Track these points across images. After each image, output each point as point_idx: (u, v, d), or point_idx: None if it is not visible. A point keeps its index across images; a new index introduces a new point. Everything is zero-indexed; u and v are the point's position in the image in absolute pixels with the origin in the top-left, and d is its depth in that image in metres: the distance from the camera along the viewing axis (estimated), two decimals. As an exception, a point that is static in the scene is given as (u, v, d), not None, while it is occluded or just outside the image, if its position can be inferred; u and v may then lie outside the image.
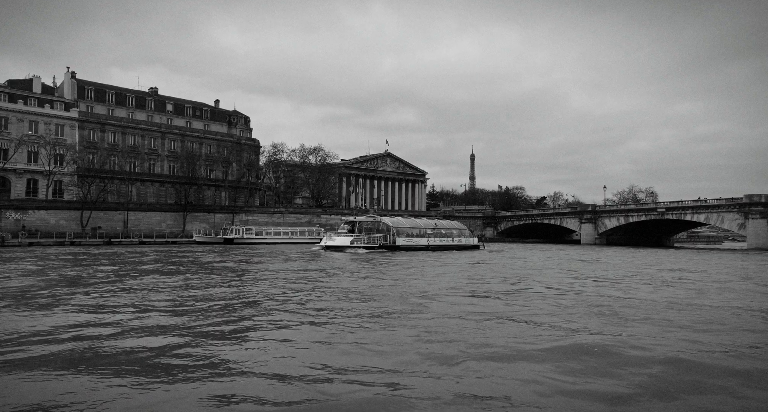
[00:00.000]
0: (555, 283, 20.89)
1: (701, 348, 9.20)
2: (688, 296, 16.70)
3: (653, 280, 23.20)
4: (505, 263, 34.66)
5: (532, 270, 28.14)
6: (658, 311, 13.52)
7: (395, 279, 21.33)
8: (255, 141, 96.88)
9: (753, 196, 68.43)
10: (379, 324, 11.26)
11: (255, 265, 29.36)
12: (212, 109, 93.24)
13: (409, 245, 49.66)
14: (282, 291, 16.91)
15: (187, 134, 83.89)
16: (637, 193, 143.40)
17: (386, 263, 32.41)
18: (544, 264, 33.05)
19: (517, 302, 15.06)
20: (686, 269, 31.23)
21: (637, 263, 36.82)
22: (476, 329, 10.87)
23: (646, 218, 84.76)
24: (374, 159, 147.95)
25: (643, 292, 18.08)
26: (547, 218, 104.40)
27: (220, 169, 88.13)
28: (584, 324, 11.50)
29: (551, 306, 14.21)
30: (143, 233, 59.81)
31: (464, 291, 17.41)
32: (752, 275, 27.17)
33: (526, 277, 23.68)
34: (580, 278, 23.52)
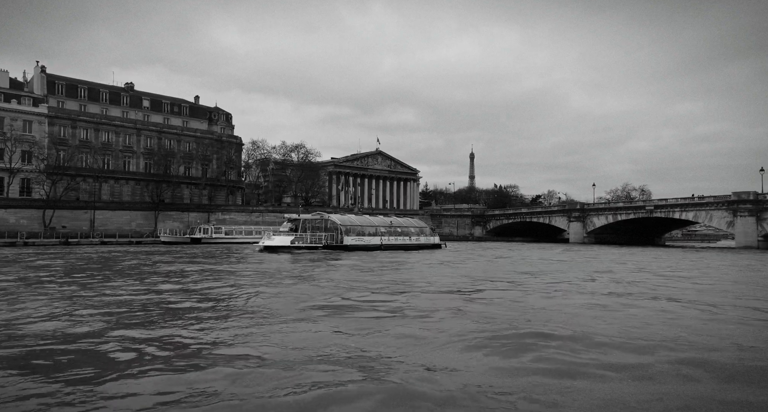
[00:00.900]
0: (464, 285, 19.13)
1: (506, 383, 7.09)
2: (611, 304, 14.96)
3: (604, 281, 21.52)
4: (456, 263, 32.95)
5: (468, 272, 26.39)
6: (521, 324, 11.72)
7: (315, 284, 19.41)
8: (237, 138, 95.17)
9: (741, 194, 66.77)
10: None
11: (172, 265, 27.59)
12: (192, 105, 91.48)
13: (358, 245, 46.71)
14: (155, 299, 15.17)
15: (165, 131, 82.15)
16: (631, 191, 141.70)
17: (322, 264, 29.98)
18: (495, 266, 31.06)
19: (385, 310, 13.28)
20: (657, 269, 29.55)
21: (611, 262, 35.15)
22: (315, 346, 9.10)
23: (634, 216, 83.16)
24: (365, 157, 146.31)
25: (571, 296, 16.38)
26: (536, 216, 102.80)
27: (199, 166, 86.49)
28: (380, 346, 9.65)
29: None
30: (111, 233, 58.01)
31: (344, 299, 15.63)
32: (714, 276, 25.48)
33: (452, 278, 21.92)
34: (507, 280, 21.74)
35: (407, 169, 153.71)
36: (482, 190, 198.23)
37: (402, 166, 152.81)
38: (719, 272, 28.24)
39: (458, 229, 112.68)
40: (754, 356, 8.72)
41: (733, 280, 23.50)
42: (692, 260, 40.00)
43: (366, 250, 45.79)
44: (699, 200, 73.03)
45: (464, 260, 36.55)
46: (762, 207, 65.10)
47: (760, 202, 65.28)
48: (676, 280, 22.85)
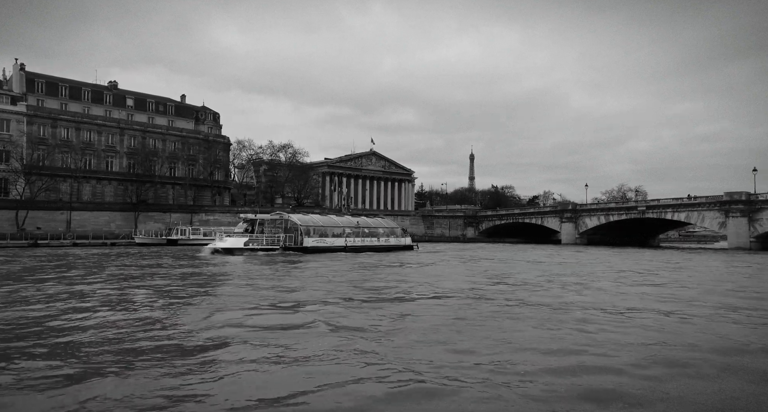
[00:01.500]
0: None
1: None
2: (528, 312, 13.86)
3: (567, 284, 20.44)
4: (424, 264, 31.88)
5: (426, 274, 25.28)
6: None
7: (254, 289, 18.13)
8: (224, 138, 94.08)
9: (733, 194, 65.71)
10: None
11: (105, 270, 26.47)
12: (178, 104, 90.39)
13: (320, 247, 43.93)
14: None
15: (149, 130, 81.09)
16: (627, 192, 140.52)
17: (274, 268, 27.67)
18: (453, 268, 29.84)
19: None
20: (635, 270, 28.43)
21: (589, 264, 34.02)
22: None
23: (626, 217, 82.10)
24: (359, 158, 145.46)
25: (480, 305, 15.25)
26: (528, 217, 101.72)
27: (184, 167, 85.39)
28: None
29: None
30: (88, 234, 56.79)
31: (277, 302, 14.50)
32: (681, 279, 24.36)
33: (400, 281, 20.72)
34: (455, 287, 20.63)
35: (402, 169, 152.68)
36: (478, 191, 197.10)
37: (396, 167, 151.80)
38: (695, 275, 27.14)
39: (450, 230, 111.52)
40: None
41: (698, 282, 22.42)
42: (676, 261, 38.87)
43: (328, 252, 43.27)
44: (691, 201, 71.95)
45: (426, 262, 35.37)
46: (754, 207, 64.03)
47: (752, 203, 64.21)
48: (635, 285, 21.75)
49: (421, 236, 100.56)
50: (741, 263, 37.34)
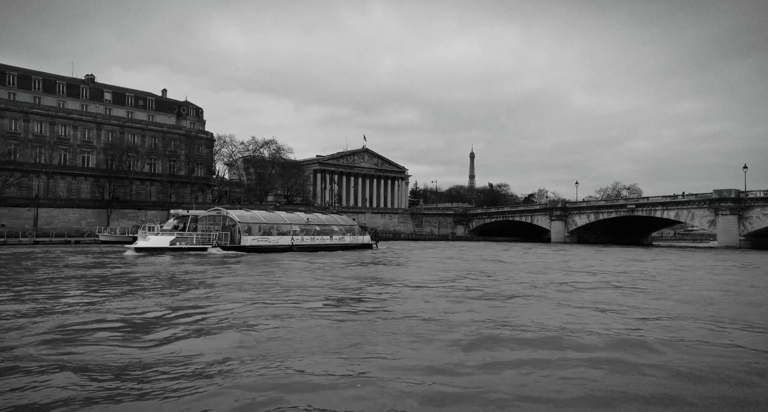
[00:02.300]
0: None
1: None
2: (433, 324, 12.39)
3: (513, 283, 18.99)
4: (365, 263, 30.37)
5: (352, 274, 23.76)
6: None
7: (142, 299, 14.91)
8: (208, 134, 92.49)
9: (722, 192, 64.34)
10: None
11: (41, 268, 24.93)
12: (158, 98, 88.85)
13: (261, 246, 40.43)
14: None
15: (127, 125, 79.49)
16: (621, 190, 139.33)
17: (190, 271, 24.27)
18: (404, 269, 27.81)
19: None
20: (610, 271, 26.99)
21: (555, 264, 32.57)
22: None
23: (616, 215, 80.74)
24: (351, 155, 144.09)
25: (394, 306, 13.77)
26: (518, 215, 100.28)
27: (166, 163, 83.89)
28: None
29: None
30: (58, 232, 55.30)
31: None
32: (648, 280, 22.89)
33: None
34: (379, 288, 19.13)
35: (395, 167, 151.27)
36: (473, 189, 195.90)
37: (390, 165, 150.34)
38: (668, 274, 25.70)
39: (440, 228, 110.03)
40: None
41: (661, 282, 20.99)
42: (658, 260, 37.40)
43: (272, 251, 39.82)
44: (680, 199, 70.55)
45: (383, 260, 33.76)
46: (744, 205, 62.65)
47: (741, 200, 62.84)
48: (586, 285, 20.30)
49: (409, 235, 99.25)
50: (724, 262, 35.94)
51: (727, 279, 22.85)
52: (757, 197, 61.72)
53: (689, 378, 7.17)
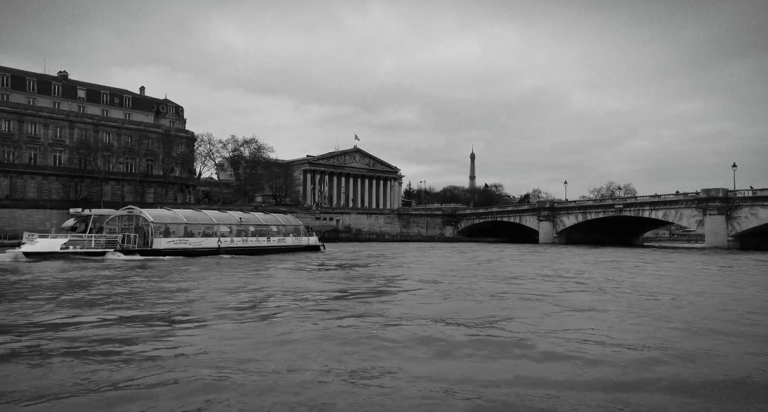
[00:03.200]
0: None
1: None
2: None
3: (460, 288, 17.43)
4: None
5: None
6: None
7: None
8: (188, 133, 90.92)
9: (710, 191, 62.79)
10: None
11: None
12: (135, 96, 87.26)
13: (179, 249, 36.02)
14: None
15: (102, 123, 77.90)
16: (615, 190, 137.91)
17: (74, 282, 20.36)
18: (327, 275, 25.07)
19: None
20: (563, 277, 25.44)
21: (525, 267, 31.01)
22: None
23: (603, 215, 79.21)
24: (341, 155, 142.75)
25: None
26: (506, 215, 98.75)
27: (144, 162, 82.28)
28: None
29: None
30: (9, 234, 53.56)
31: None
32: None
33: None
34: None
35: (387, 167, 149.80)
36: (467, 189, 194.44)
37: (382, 165, 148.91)
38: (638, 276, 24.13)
39: (428, 229, 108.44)
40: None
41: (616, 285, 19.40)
42: (631, 263, 35.79)
43: (192, 255, 35.54)
44: (668, 198, 68.99)
45: (326, 264, 32.07)
46: (732, 205, 61.11)
47: (729, 200, 61.29)
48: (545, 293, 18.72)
49: (395, 236, 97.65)
50: (703, 264, 34.37)
51: (680, 287, 21.26)
52: (745, 197, 60.20)
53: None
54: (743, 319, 12.43)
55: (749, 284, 20.80)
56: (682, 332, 10.68)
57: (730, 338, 10.16)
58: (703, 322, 11.90)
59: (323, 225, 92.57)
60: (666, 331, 10.71)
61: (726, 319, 12.49)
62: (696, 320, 12.25)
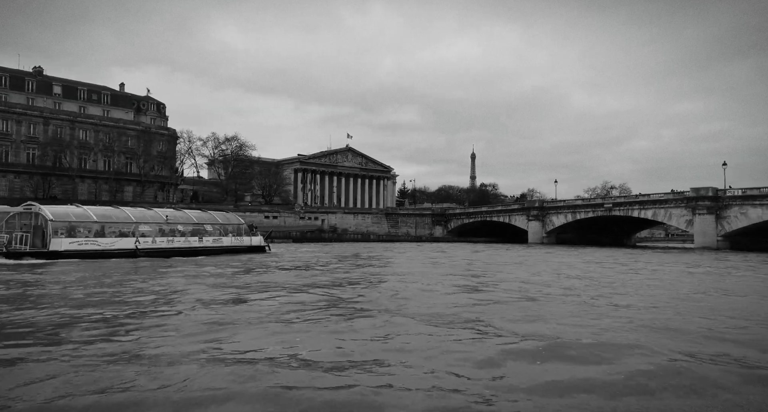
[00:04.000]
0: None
1: None
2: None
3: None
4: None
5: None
6: None
7: None
8: (170, 130, 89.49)
9: (700, 190, 61.30)
10: None
11: None
12: (114, 93, 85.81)
13: (85, 251, 32.01)
14: None
15: (79, 121, 76.47)
16: (611, 189, 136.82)
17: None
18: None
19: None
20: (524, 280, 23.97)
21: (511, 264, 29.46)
22: None
23: (593, 215, 77.73)
24: (333, 154, 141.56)
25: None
26: (495, 215, 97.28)
27: (121, 160, 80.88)
28: None
29: None
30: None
31: None
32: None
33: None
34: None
35: (380, 166, 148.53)
36: (462, 188, 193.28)
37: (375, 164, 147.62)
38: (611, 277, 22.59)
39: (417, 229, 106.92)
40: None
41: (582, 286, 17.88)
42: (608, 264, 34.24)
43: (102, 257, 31.49)
44: (657, 198, 67.49)
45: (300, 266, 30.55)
46: (721, 204, 59.59)
47: (719, 199, 59.77)
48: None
49: (381, 236, 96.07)
50: (684, 265, 32.78)
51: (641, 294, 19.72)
52: (735, 196, 58.69)
53: None
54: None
55: (695, 292, 19.16)
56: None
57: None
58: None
59: (308, 225, 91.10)
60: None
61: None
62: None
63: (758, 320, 12.22)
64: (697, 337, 9.95)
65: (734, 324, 11.47)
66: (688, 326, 11.17)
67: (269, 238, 48.23)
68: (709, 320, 11.84)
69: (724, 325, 11.33)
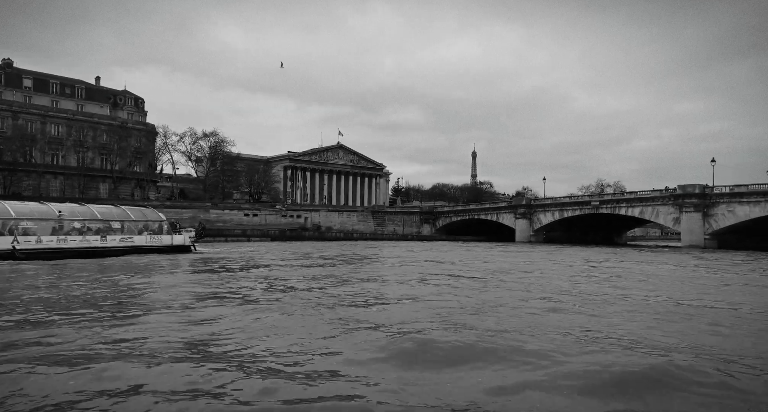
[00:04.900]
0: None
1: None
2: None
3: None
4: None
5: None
6: None
7: None
8: (148, 126, 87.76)
9: (687, 187, 59.76)
10: None
11: None
12: (89, 87, 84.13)
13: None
14: None
15: (50, 115, 74.75)
16: (606, 187, 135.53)
17: None
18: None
19: None
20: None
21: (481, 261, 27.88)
22: None
23: (580, 213, 76.20)
24: (324, 151, 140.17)
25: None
26: (483, 213, 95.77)
27: (96, 156, 79.24)
28: None
29: None
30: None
31: None
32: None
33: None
34: None
35: (373, 164, 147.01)
36: (457, 187, 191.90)
37: (367, 162, 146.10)
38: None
39: (404, 227, 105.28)
40: None
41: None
42: (577, 262, 32.62)
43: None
44: (645, 195, 65.90)
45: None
46: (709, 202, 58.01)
47: (706, 197, 58.21)
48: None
49: (368, 234, 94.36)
50: (662, 264, 31.17)
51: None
52: (722, 193, 57.13)
53: None
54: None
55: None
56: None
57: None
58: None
59: (290, 223, 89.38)
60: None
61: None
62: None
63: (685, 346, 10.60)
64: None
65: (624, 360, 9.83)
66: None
67: (199, 235, 44.08)
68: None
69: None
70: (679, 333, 9.99)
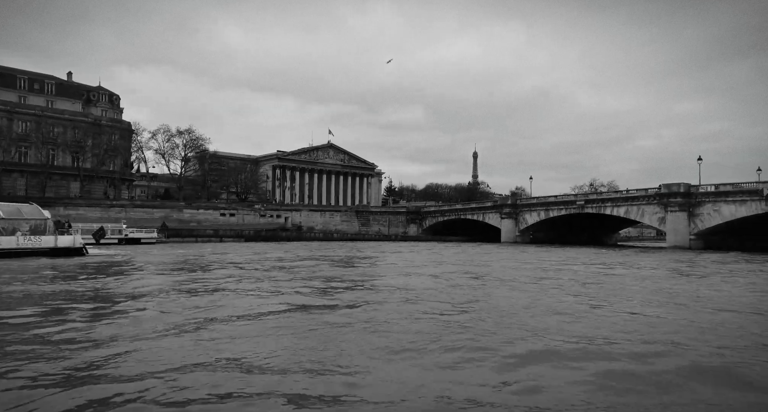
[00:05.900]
0: None
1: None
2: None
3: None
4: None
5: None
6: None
7: None
8: (124, 123, 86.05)
9: (671, 186, 58.06)
10: None
11: None
12: (60, 82, 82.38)
13: None
14: None
15: (17, 111, 73.03)
16: (599, 187, 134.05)
17: None
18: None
19: None
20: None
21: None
22: None
23: (566, 212, 74.53)
24: (314, 151, 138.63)
25: None
26: (469, 213, 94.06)
27: (66, 155, 77.58)
28: None
29: None
30: None
31: None
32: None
33: None
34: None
35: (364, 164, 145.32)
36: (451, 186, 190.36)
37: (358, 161, 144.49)
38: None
39: (390, 228, 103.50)
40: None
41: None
42: (553, 264, 30.87)
43: None
44: (628, 194, 64.18)
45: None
46: (694, 201, 56.30)
47: (691, 196, 56.50)
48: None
49: (351, 235, 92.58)
50: (634, 270, 29.46)
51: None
52: (707, 192, 55.39)
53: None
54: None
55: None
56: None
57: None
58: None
59: (269, 223, 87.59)
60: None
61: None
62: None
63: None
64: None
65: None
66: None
67: (98, 236, 41.05)
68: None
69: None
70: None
